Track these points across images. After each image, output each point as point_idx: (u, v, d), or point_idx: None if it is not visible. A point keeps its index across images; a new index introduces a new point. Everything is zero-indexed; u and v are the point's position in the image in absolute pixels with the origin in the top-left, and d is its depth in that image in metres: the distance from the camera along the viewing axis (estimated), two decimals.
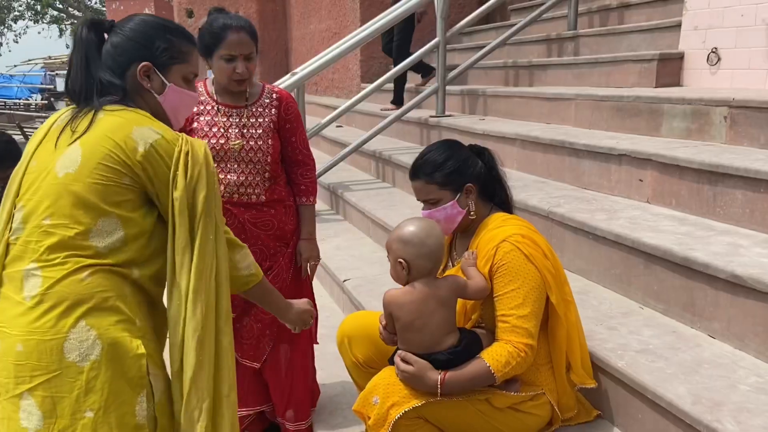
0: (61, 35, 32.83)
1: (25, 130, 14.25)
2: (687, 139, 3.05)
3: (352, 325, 2.15)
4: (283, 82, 4.61)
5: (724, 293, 2.03)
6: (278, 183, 2.35)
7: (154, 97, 1.56)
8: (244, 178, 2.26)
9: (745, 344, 1.98)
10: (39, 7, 30.23)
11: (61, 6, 30.84)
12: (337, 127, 6.90)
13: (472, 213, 1.96)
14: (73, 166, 1.41)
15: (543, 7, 5.37)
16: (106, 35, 1.56)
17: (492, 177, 2.02)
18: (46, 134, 1.51)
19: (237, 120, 2.26)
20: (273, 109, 2.31)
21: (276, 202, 2.31)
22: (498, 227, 1.91)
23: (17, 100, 19.42)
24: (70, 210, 1.40)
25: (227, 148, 2.24)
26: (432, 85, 5.08)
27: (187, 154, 1.48)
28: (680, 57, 3.72)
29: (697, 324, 2.15)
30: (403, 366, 1.78)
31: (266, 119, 2.29)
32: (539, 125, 4.07)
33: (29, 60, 17.68)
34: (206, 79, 2.36)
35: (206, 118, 2.26)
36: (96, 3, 29.19)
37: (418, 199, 2.01)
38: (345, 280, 3.40)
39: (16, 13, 30.63)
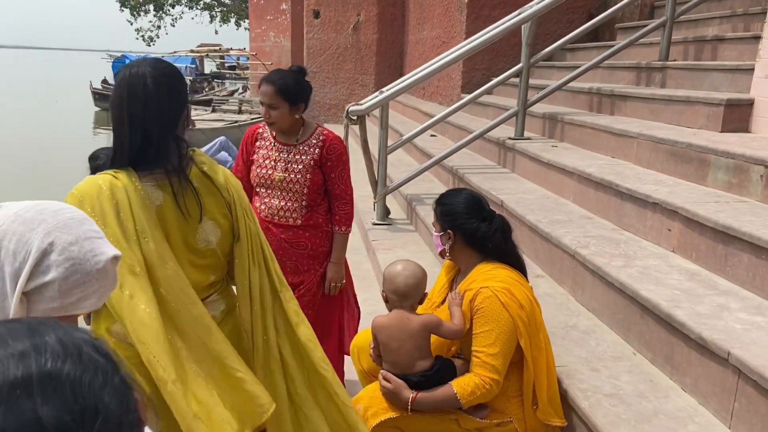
0: (211, 21, 35.62)
1: None
2: (728, 192, 3.11)
3: (362, 339, 2.53)
4: (370, 100, 5.03)
5: (694, 352, 2.19)
6: (316, 211, 2.76)
7: None
8: (284, 203, 2.70)
9: (707, 401, 2.14)
10: None
11: None
12: (431, 136, 7.23)
13: (447, 255, 2.28)
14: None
15: (639, 33, 5.40)
16: None
17: (494, 240, 2.27)
18: None
19: (285, 155, 2.70)
20: (317, 149, 2.72)
21: (311, 227, 2.72)
22: (485, 274, 2.21)
23: None
24: None
25: (272, 178, 2.68)
26: (512, 108, 5.29)
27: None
28: (750, 103, 3.71)
29: (675, 377, 2.32)
30: (383, 383, 2.14)
31: (308, 157, 2.71)
32: (604, 158, 4.19)
33: (174, 51, 19.80)
34: None
35: (263, 152, 2.73)
36: None
37: None
38: None
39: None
